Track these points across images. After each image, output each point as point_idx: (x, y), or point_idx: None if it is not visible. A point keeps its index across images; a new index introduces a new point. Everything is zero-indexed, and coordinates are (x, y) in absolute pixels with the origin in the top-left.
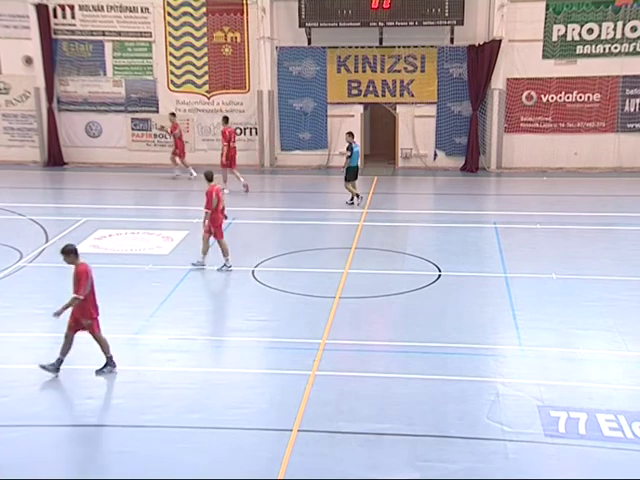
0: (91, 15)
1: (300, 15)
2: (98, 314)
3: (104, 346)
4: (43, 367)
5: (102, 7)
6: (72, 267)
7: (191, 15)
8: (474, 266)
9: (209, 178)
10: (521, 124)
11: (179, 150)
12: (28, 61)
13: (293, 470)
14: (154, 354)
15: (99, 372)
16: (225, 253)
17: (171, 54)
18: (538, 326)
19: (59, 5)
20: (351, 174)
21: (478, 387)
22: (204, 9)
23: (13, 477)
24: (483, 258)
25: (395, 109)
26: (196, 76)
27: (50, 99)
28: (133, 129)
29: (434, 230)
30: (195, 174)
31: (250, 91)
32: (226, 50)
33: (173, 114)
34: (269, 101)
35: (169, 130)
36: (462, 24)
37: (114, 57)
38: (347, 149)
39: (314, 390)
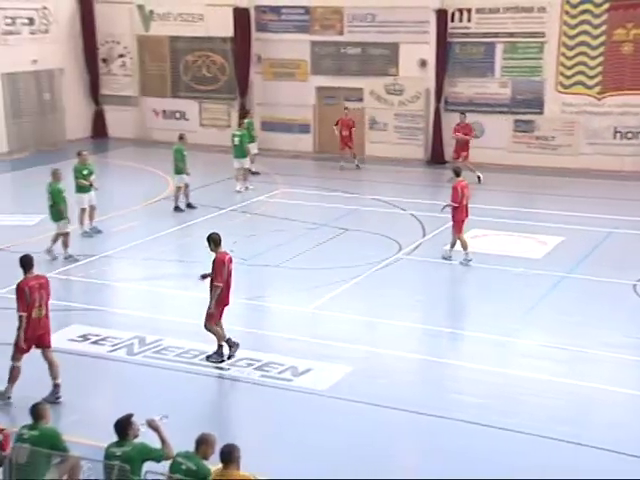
0: (486, 17)
1: None
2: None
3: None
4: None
5: (498, 9)
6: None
7: (590, 13)
8: None
9: (457, 173)
10: None
11: (351, 143)
12: (423, 64)
13: None
14: (522, 359)
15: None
16: (464, 247)
17: (563, 54)
18: None
19: (457, 9)
20: None
21: None
22: (606, 5)
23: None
24: None
25: None
26: (588, 77)
27: (438, 99)
28: (515, 130)
29: None
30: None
31: None
32: (625, 48)
33: (346, 107)
34: None
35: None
36: None
37: (503, 58)
38: None
39: None
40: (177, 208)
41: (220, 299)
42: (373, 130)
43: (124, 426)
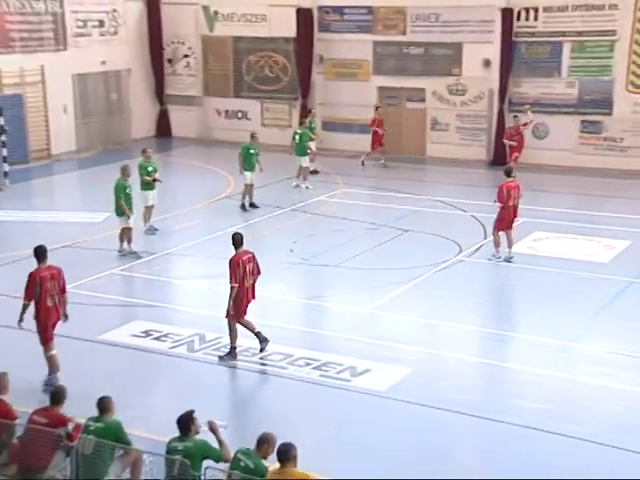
0: (553, 16)
1: None
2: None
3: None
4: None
5: (566, 7)
6: None
7: None
8: None
9: (507, 174)
10: None
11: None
12: (486, 64)
13: None
14: (587, 365)
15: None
16: (497, 245)
17: (635, 52)
18: None
19: (524, 8)
20: None
21: None
22: None
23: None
24: None
25: None
26: None
27: (502, 100)
28: (581, 131)
29: None
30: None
31: None
32: None
33: (377, 107)
34: None
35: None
36: None
37: (571, 57)
38: None
39: None
40: (243, 206)
41: (239, 298)
42: (434, 131)
43: (186, 421)
